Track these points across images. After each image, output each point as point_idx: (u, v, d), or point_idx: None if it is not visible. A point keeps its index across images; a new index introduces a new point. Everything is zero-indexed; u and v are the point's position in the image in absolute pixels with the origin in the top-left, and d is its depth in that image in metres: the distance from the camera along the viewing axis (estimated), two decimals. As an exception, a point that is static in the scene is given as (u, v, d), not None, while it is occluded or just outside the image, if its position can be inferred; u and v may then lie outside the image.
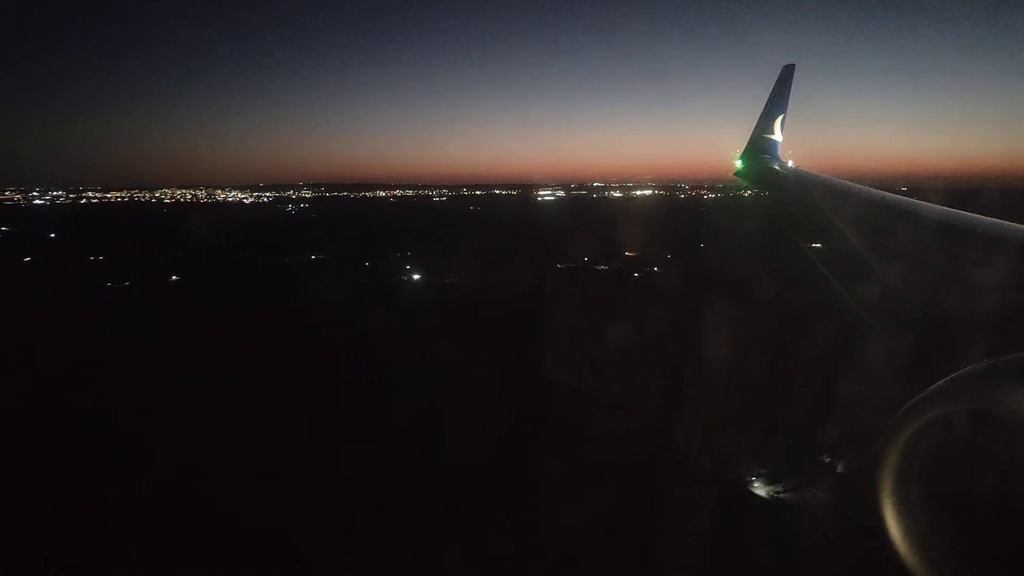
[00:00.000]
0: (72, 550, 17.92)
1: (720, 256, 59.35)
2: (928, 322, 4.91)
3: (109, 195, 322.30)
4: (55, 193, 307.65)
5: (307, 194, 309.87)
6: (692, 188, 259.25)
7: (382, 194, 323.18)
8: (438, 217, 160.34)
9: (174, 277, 67.00)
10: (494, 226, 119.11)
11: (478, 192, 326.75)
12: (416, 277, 66.85)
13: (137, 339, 39.50)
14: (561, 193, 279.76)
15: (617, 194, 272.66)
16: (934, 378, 2.65)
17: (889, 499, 2.57)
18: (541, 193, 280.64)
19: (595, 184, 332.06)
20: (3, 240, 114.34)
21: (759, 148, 14.43)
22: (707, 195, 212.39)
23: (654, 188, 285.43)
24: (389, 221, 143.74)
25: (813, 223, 9.37)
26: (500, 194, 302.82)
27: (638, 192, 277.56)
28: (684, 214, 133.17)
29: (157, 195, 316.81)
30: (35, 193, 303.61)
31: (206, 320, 43.92)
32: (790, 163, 13.88)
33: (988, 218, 5.63)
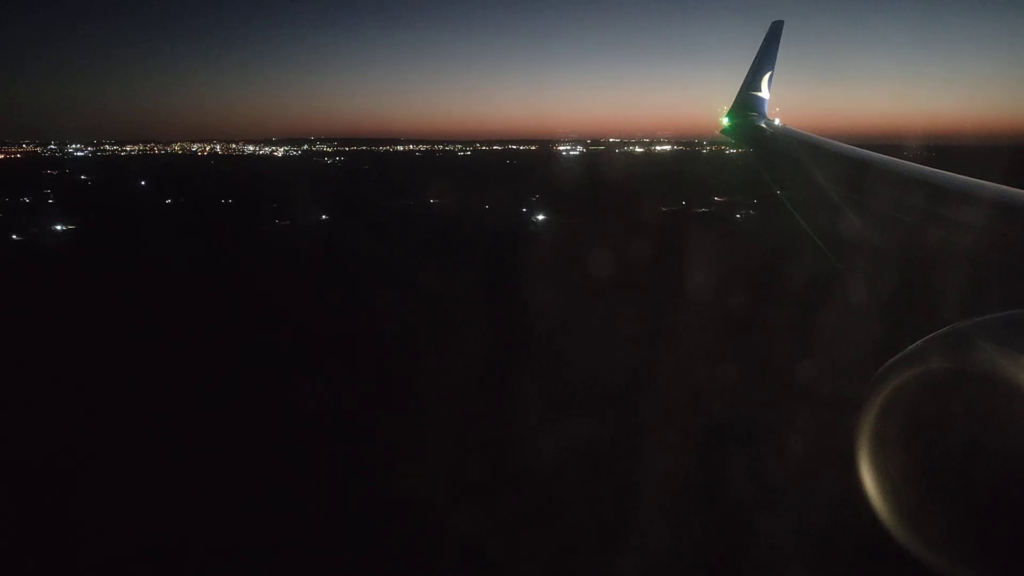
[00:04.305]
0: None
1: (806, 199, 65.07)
2: (904, 282, 5.03)
3: (127, 148, 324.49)
4: (75, 145, 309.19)
5: (326, 148, 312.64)
6: (711, 144, 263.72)
7: (401, 148, 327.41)
8: (491, 167, 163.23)
9: (323, 216, 73.62)
10: (555, 177, 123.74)
11: (496, 147, 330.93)
12: (541, 217, 73.07)
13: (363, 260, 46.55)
14: (581, 148, 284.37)
15: (638, 150, 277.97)
16: (910, 339, 2.69)
17: (867, 460, 2.64)
18: (561, 148, 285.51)
19: (611, 140, 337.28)
20: (101, 188, 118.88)
21: (746, 106, 14.62)
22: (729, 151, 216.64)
23: (672, 144, 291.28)
24: (452, 172, 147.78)
25: (797, 180, 9.57)
26: (519, 149, 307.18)
27: (657, 148, 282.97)
28: (731, 165, 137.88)
29: (178, 148, 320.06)
30: (53, 145, 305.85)
31: (413, 245, 50.92)
32: (777, 121, 13.92)
33: (966, 177, 5.66)
